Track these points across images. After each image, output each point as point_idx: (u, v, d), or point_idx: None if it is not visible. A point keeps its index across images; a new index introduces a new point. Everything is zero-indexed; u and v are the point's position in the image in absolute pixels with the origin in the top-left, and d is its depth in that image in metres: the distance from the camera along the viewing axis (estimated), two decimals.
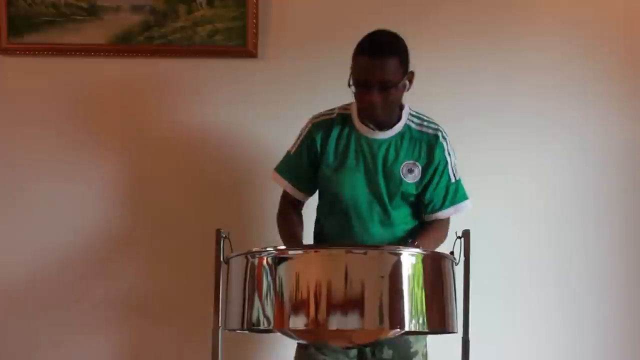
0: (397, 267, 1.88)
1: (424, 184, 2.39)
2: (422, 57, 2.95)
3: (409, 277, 1.88)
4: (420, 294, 1.89)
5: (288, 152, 2.49)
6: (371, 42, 2.28)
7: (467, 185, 2.50)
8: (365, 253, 1.93)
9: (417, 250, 1.91)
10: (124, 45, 2.98)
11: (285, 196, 2.51)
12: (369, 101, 2.28)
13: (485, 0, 3.00)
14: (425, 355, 2.45)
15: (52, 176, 3.02)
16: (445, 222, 2.44)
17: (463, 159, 2.93)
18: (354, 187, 2.39)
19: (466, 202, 2.45)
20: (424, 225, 2.44)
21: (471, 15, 2.99)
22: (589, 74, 2.99)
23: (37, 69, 3.02)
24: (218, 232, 2.04)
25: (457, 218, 2.52)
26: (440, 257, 1.98)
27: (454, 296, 2.01)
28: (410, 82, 2.35)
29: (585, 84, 2.99)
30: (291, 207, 2.50)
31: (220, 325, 2.01)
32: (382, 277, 1.87)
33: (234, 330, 1.99)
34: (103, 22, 2.98)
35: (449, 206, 2.42)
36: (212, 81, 3.00)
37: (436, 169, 2.39)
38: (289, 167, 2.47)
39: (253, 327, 1.93)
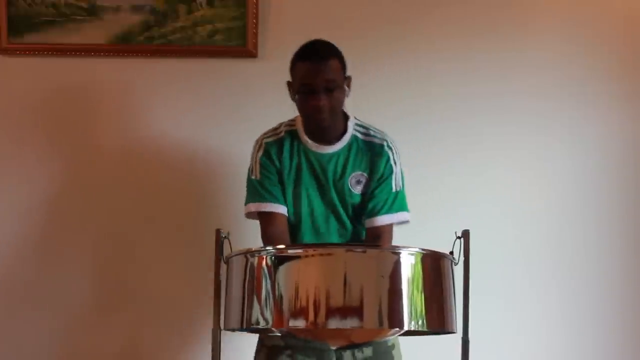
0: (396, 266, 1.88)
1: (369, 193, 2.41)
2: (421, 57, 2.98)
3: (408, 276, 1.88)
4: (420, 294, 1.89)
5: (251, 180, 2.45)
6: (309, 48, 2.33)
7: (467, 185, 2.51)
8: (364, 252, 1.93)
9: (417, 249, 1.91)
10: (124, 45, 2.98)
11: (268, 224, 2.42)
12: (315, 105, 2.29)
13: (485, 0, 3.00)
14: (398, 345, 2.45)
15: (52, 175, 3.02)
16: (387, 232, 2.41)
17: (463, 159, 2.95)
18: (310, 202, 2.42)
19: (404, 213, 2.43)
20: (367, 234, 2.42)
21: (471, 15, 2.99)
22: (589, 74, 2.99)
23: (37, 69, 3.02)
24: (218, 232, 2.03)
25: (457, 218, 2.52)
26: (440, 256, 1.98)
27: (453, 296, 2.01)
28: (349, 87, 2.38)
29: (585, 84, 2.99)
30: (281, 232, 2.41)
31: (220, 325, 2.01)
32: (382, 276, 1.86)
33: (234, 330, 1.99)
34: (103, 22, 2.98)
35: (386, 213, 2.40)
36: (212, 81, 3.00)
37: (380, 178, 2.40)
38: (263, 190, 2.42)
39: (252, 327, 1.92)
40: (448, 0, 2.99)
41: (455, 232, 2.07)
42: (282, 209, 2.42)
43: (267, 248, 1.96)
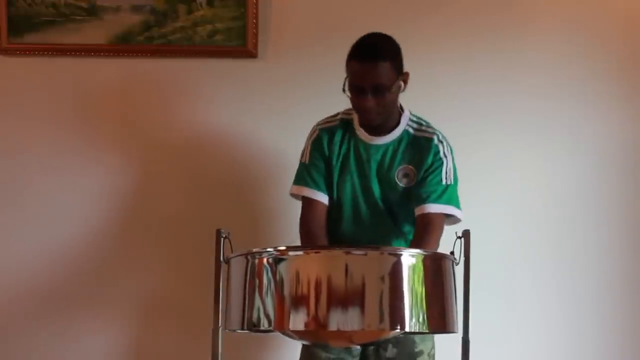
0: (397, 267, 1.88)
1: (416, 183, 2.40)
2: (421, 57, 2.97)
3: (409, 277, 1.88)
4: (421, 294, 1.89)
5: (301, 163, 2.49)
6: (362, 46, 2.29)
7: (467, 185, 2.50)
8: (365, 254, 1.93)
9: (417, 250, 1.91)
10: (124, 45, 2.98)
11: (308, 209, 2.45)
12: (363, 106, 2.29)
13: (485, 0, 3.00)
14: (431, 357, 2.44)
15: (52, 176, 3.02)
16: (437, 222, 2.37)
17: (463, 159, 2.94)
18: (354, 192, 2.42)
19: (454, 208, 2.40)
20: (417, 224, 2.38)
21: (471, 16, 2.99)
22: (589, 73, 2.99)
23: (37, 69, 3.02)
24: (218, 232, 2.04)
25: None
26: (441, 257, 1.98)
27: (454, 296, 2.01)
28: (405, 83, 2.37)
29: (585, 84, 2.99)
30: (316, 221, 2.43)
31: (220, 325, 2.01)
32: (383, 277, 1.86)
33: (234, 330, 1.99)
34: (103, 22, 2.98)
35: (434, 202, 2.36)
36: (212, 81, 3.00)
37: (428, 169, 2.38)
38: (307, 175, 2.46)
39: (253, 328, 1.92)
40: (448, 1, 2.99)
41: (456, 232, 2.07)
42: (321, 197, 2.44)
43: (268, 249, 1.96)
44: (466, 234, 2.05)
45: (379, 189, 2.41)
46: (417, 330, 1.91)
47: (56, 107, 3.03)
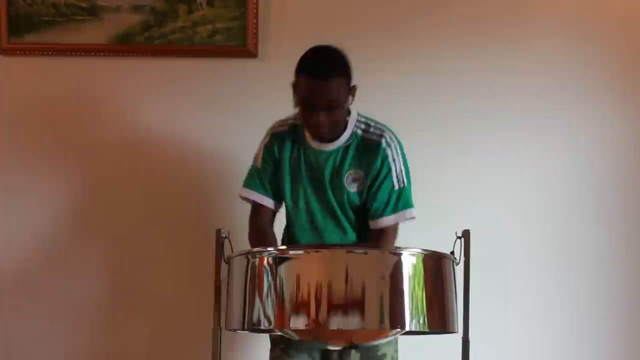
0: (397, 267, 1.88)
1: (367, 192, 2.38)
2: (421, 57, 2.98)
3: (409, 277, 1.88)
4: (421, 294, 1.89)
5: (252, 167, 2.48)
6: (314, 61, 2.25)
7: (467, 185, 2.50)
8: (365, 253, 1.93)
9: (418, 250, 1.91)
10: (124, 45, 2.98)
11: (257, 212, 2.47)
12: (315, 122, 2.27)
13: (485, 1, 3.00)
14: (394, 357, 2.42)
15: (52, 175, 3.02)
16: (391, 231, 2.40)
17: (463, 159, 2.95)
18: (307, 198, 2.41)
19: (410, 210, 2.40)
20: (371, 234, 2.41)
21: (471, 16, 2.99)
22: (589, 73, 2.99)
23: (37, 69, 3.02)
24: (218, 232, 2.03)
25: (457, 218, 2.51)
26: (441, 257, 1.98)
27: (454, 296, 2.01)
28: (354, 95, 2.33)
29: (585, 84, 3.00)
30: (265, 221, 2.46)
31: (220, 325, 2.01)
32: (383, 277, 1.86)
33: (235, 330, 1.99)
34: (103, 22, 2.98)
35: (390, 213, 2.37)
36: (212, 81, 3.00)
37: (378, 176, 2.36)
38: (258, 180, 2.45)
39: (254, 327, 1.92)
40: (448, 1, 2.99)
41: (456, 232, 2.07)
42: (267, 202, 2.44)
43: (269, 249, 1.96)
44: (466, 234, 2.06)
45: (331, 195, 2.39)
46: (417, 330, 1.91)
47: (56, 107, 3.03)
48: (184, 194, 3.01)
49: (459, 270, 2.04)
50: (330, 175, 2.39)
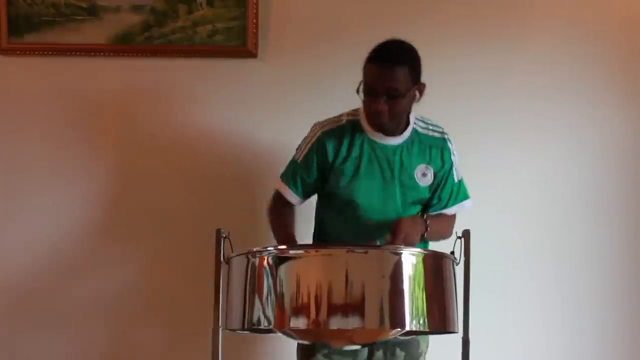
0: (397, 266, 1.88)
1: (435, 186, 2.43)
2: (422, 57, 2.97)
3: (409, 276, 1.89)
4: (421, 294, 1.90)
5: (294, 159, 2.45)
6: (382, 50, 2.28)
7: (467, 185, 2.51)
8: (366, 252, 1.93)
9: (418, 249, 1.91)
10: (124, 45, 2.98)
11: (281, 198, 2.48)
12: (375, 109, 2.27)
13: (485, 1, 3.00)
14: (425, 355, 2.46)
15: (52, 175, 3.02)
16: (452, 218, 2.49)
17: (463, 159, 2.94)
18: (370, 194, 2.38)
19: (467, 201, 2.50)
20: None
21: (470, 16, 2.99)
22: (589, 73, 2.99)
23: (37, 69, 3.02)
24: (218, 232, 2.04)
25: (458, 218, 2.52)
26: (441, 256, 1.98)
27: (454, 296, 2.01)
28: (421, 93, 2.34)
29: (586, 84, 2.99)
30: (287, 207, 2.48)
31: (220, 325, 2.01)
32: (383, 276, 1.87)
33: (235, 330, 1.99)
34: (103, 22, 2.97)
35: (452, 205, 2.47)
36: (212, 81, 3.00)
37: (442, 170, 2.42)
38: (295, 175, 2.44)
39: (254, 327, 1.93)
40: (448, 1, 2.99)
41: (456, 232, 2.07)
42: (296, 201, 2.45)
43: (269, 248, 1.96)
44: (466, 234, 2.06)
45: (399, 189, 2.39)
46: (417, 330, 1.92)
47: (56, 107, 3.02)
48: (184, 193, 3.01)
49: (459, 270, 2.04)
50: (400, 170, 2.39)
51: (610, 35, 2.99)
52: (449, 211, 2.47)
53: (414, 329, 1.89)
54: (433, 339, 2.47)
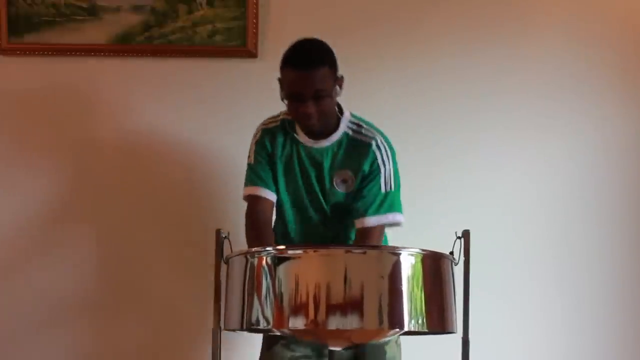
0: (396, 267, 1.87)
1: (355, 192, 2.39)
2: (421, 56, 2.98)
3: (408, 277, 1.88)
4: (420, 294, 1.89)
5: (248, 164, 2.48)
6: (300, 53, 2.27)
7: (467, 185, 2.50)
8: (364, 253, 1.93)
9: (417, 250, 1.91)
10: (124, 45, 2.98)
11: (254, 209, 2.44)
12: (303, 112, 2.27)
13: (485, 1, 3.00)
14: (398, 344, 2.44)
15: (52, 175, 3.03)
16: (376, 232, 2.38)
17: (463, 159, 2.94)
18: (296, 193, 2.42)
19: (395, 215, 2.39)
20: (356, 233, 2.41)
21: (471, 15, 2.99)
22: (589, 73, 2.99)
23: (37, 69, 3.02)
24: (218, 232, 2.03)
25: (457, 218, 2.52)
26: (440, 257, 1.98)
27: (453, 296, 2.01)
28: (341, 87, 2.34)
29: (586, 84, 3.00)
30: (264, 218, 2.43)
31: (220, 325, 2.01)
32: (382, 277, 1.86)
33: (234, 330, 1.99)
34: (103, 22, 2.98)
35: (373, 214, 2.36)
36: (212, 81, 3.00)
37: (366, 178, 2.37)
38: (255, 173, 2.44)
39: (253, 327, 1.92)
40: (448, 1, 2.99)
41: (456, 232, 2.07)
42: (268, 194, 2.43)
43: (267, 248, 1.96)
44: (466, 234, 2.05)
45: (320, 193, 2.41)
46: (417, 330, 1.91)
47: (56, 107, 3.03)
48: (184, 193, 3.01)
49: (459, 270, 2.04)
50: (317, 173, 2.39)
51: (612, 34, 2.99)
52: (369, 221, 2.36)
53: (412, 329, 1.88)
54: (433, 339, 2.47)
